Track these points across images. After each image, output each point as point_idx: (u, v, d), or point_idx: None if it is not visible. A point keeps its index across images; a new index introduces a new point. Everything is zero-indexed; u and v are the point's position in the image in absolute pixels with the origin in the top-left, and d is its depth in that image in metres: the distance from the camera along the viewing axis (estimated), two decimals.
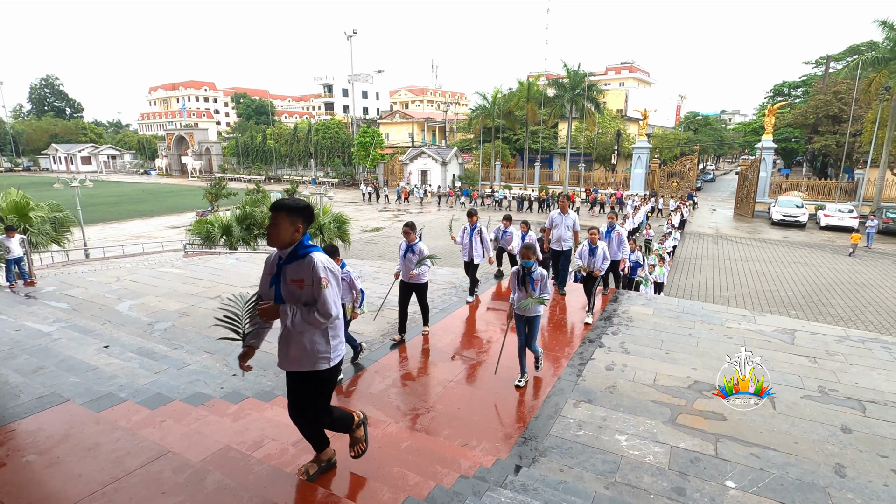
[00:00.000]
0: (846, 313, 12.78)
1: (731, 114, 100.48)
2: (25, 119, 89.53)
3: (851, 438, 4.06)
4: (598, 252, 6.95)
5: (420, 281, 6.08)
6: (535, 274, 4.80)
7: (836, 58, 44.67)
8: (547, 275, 4.89)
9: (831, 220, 26.04)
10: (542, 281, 4.82)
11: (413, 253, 6.00)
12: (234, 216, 17.94)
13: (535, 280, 4.80)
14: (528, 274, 4.80)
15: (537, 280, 4.81)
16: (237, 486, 2.86)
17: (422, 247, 6.02)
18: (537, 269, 4.83)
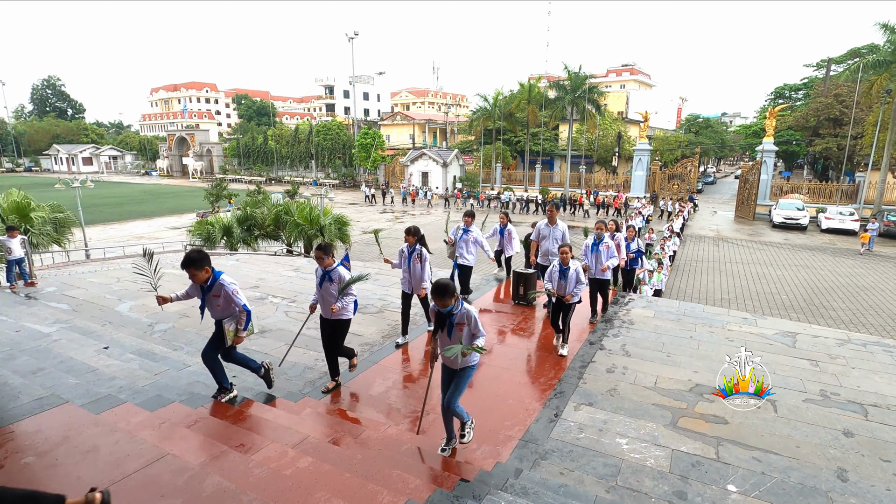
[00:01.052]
0: (848, 316, 12.75)
1: (732, 116, 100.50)
2: (27, 120, 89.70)
3: (853, 442, 4.04)
4: (570, 274, 5.70)
5: (343, 316, 4.80)
6: (457, 317, 3.65)
7: (836, 60, 44.67)
8: (475, 317, 3.67)
9: (832, 222, 26.01)
10: (469, 323, 3.66)
11: (331, 281, 4.69)
12: (235, 217, 17.95)
13: (458, 324, 3.65)
14: (448, 317, 3.68)
15: (461, 323, 3.65)
16: (236, 488, 2.85)
17: (341, 272, 4.71)
18: (462, 310, 3.67)
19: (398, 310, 7.66)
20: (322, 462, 3.26)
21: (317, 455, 3.38)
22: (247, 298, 4.41)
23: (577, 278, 5.68)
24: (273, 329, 6.64)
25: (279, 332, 6.52)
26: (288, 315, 7.30)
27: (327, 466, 3.20)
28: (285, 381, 5.10)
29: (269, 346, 6.04)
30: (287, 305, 7.80)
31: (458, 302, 3.69)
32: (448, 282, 3.64)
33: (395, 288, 8.98)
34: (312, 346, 6.02)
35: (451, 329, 3.68)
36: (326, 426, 4.08)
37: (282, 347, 5.99)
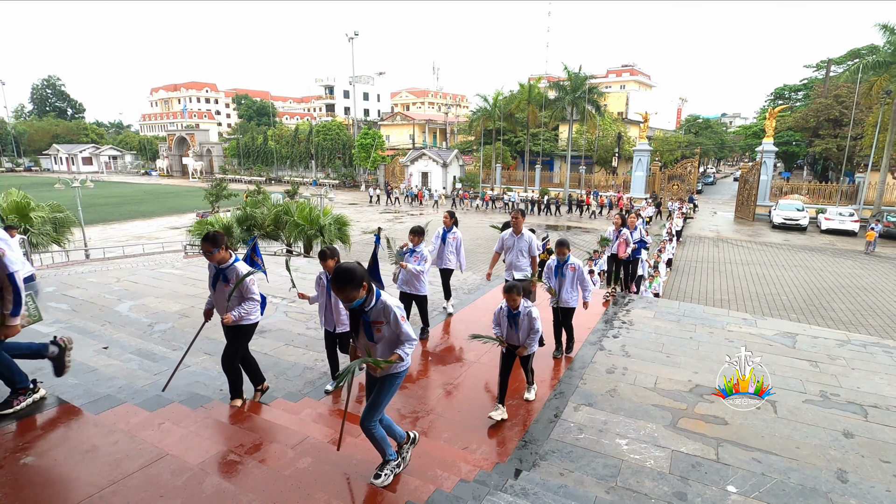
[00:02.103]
0: (847, 317, 12.76)
1: (732, 117, 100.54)
2: (27, 119, 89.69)
3: (853, 443, 4.04)
4: (521, 320, 4.32)
5: (244, 322, 4.13)
6: (372, 313, 2.98)
7: (836, 61, 44.71)
8: (396, 313, 2.98)
9: (832, 223, 26.04)
10: (389, 321, 2.99)
11: (226, 281, 4.01)
12: (235, 217, 17.95)
13: (374, 322, 3.00)
14: (360, 314, 3.01)
15: (377, 322, 2.99)
16: (236, 489, 2.85)
17: (239, 269, 4.01)
18: (378, 304, 2.98)
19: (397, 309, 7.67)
20: (322, 463, 3.26)
21: (316, 456, 3.38)
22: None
23: (531, 325, 4.31)
24: (272, 329, 6.64)
25: (278, 332, 6.52)
26: (287, 315, 7.29)
27: (327, 467, 3.19)
28: (285, 382, 5.10)
29: (269, 346, 6.03)
30: (287, 305, 7.80)
31: (373, 294, 2.95)
32: (355, 266, 2.84)
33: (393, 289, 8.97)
34: (312, 346, 6.02)
35: (367, 329, 3.00)
36: (326, 427, 4.08)
37: (282, 347, 5.99)
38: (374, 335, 3.02)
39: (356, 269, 2.84)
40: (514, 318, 4.38)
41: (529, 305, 4.40)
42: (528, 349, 4.43)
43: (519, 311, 4.37)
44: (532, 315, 4.36)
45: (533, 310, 4.40)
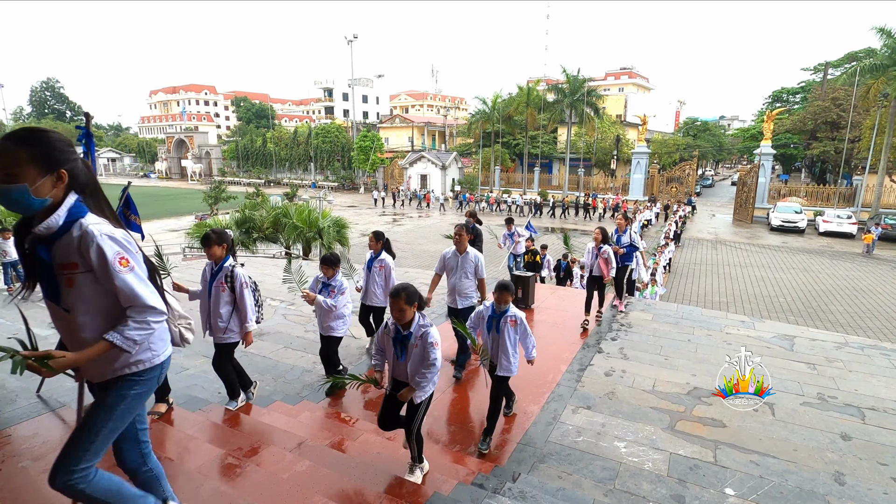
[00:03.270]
0: (845, 319, 12.78)
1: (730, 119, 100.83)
2: (26, 122, 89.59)
3: (851, 446, 4.05)
4: (410, 345, 3.21)
5: None
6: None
7: (834, 64, 44.91)
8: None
9: (830, 225, 26.11)
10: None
11: None
12: (234, 219, 17.95)
13: None
14: None
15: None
16: (234, 492, 2.85)
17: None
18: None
19: None
20: (320, 466, 3.26)
21: (315, 459, 3.38)
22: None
23: (425, 353, 3.17)
24: (271, 332, 6.63)
25: (277, 335, 6.52)
26: (286, 318, 7.29)
27: (325, 470, 3.19)
28: (283, 384, 5.10)
29: (268, 348, 6.03)
30: (285, 308, 7.80)
31: None
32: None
33: None
34: (310, 348, 6.01)
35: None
36: (324, 430, 4.08)
37: (280, 350, 5.99)
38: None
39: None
40: (401, 340, 3.22)
41: (427, 325, 3.19)
42: (416, 390, 3.17)
43: (410, 331, 3.18)
44: (428, 339, 3.14)
45: (431, 332, 3.16)
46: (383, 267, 5.60)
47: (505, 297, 4.02)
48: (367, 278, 5.66)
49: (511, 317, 4.01)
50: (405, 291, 3.13)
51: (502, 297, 4.01)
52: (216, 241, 4.01)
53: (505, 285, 4.03)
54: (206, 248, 4.04)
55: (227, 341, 4.13)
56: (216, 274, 4.05)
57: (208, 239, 4.01)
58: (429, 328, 3.21)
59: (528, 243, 10.56)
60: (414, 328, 3.21)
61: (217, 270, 4.05)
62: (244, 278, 4.06)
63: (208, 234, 4.05)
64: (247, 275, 4.14)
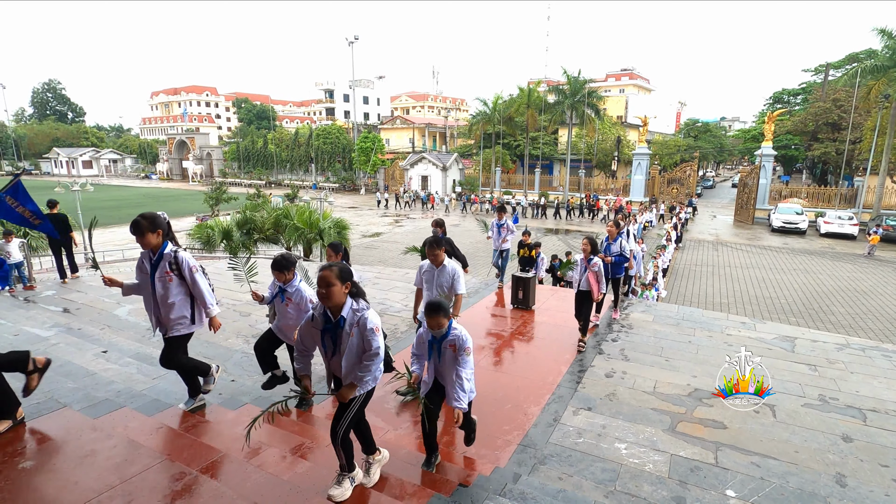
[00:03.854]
0: (847, 321, 12.76)
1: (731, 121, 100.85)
2: (27, 123, 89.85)
3: (852, 447, 4.04)
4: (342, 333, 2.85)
5: None
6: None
7: (835, 65, 44.91)
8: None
9: (831, 227, 26.08)
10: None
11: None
12: (235, 221, 17.97)
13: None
14: None
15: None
16: (234, 493, 2.85)
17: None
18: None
19: (397, 314, 7.68)
20: (320, 467, 3.26)
21: (315, 460, 3.38)
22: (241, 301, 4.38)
23: (367, 341, 2.81)
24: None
25: None
26: None
27: (325, 471, 3.19)
28: (282, 387, 5.08)
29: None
30: None
31: None
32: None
33: (394, 292, 8.99)
34: None
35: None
36: (325, 430, 4.07)
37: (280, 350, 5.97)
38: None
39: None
40: (331, 330, 2.85)
41: (363, 308, 2.84)
42: (357, 386, 2.84)
43: (342, 316, 2.80)
44: (367, 325, 2.78)
45: (369, 316, 2.81)
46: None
47: (436, 319, 3.23)
48: None
49: (451, 341, 3.35)
50: (337, 266, 2.78)
51: (432, 320, 3.24)
52: (148, 227, 3.53)
53: (434, 306, 3.25)
54: (138, 237, 3.55)
55: (178, 333, 3.77)
56: (157, 263, 3.63)
57: (138, 226, 3.51)
58: (365, 312, 2.83)
59: (525, 237, 9.69)
60: (347, 313, 2.80)
61: (157, 259, 3.63)
62: (191, 262, 3.70)
63: (137, 220, 3.53)
64: (193, 258, 3.81)
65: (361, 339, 2.83)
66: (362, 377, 2.85)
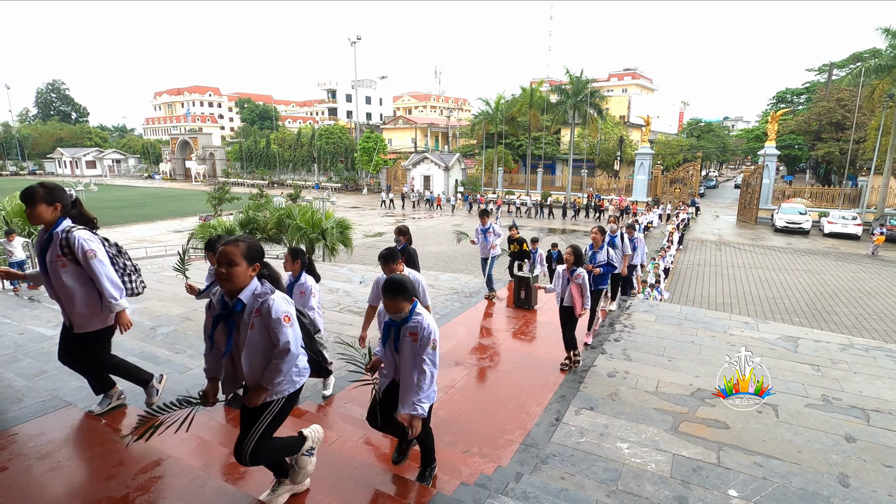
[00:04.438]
0: (850, 321, 12.71)
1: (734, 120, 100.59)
2: (31, 123, 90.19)
3: (855, 448, 4.03)
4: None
5: None
6: None
7: (838, 65, 44.74)
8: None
9: (835, 227, 25.99)
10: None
11: None
12: (237, 221, 18.02)
13: None
14: None
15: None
16: (237, 491, 2.86)
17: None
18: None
19: None
20: (322, 465, 3.26)
21: (318, 458, 3.39)
22: None
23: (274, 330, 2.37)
24: None
25: None
26: None
27: (327, 470, 3.20)
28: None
29: None
30: None
31: None
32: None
33: None
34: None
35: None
36: (327, 429, 4.09)
37: None
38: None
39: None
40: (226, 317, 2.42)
41: (267, 292, 2.37)
42: (267, 390, 2.42)
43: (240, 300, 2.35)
44: (272, 315, 2.33)
45: (276, 301, 2.34)
46: (304, 293, 4.48)
47: (395, 303, 2.76)
48: None
49: (411, 328, 2.82)
50: (245, 241, 2.35)
51: (391, 302, 2.77)
52: (43, 197, 2.92)
53: (394, 285, 2.75)
54: (28, 207, 2.97)
55: (87, 330, 3.23)
56: (46, 245, 3.04)
57: (31, 195, 2.93)
58: (270, 297, 2.34)
59: (513, 231, 9.18)
60: (248, 297, 2.33)
61: (48, 240, 3.02)
62: (88, 244, 3.06)
63: (33, 187, 2.95)
64: (97, 237, 3.24)
65: (266, 331, 2.34)
66: (272, 379, 2.36)
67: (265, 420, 2.45)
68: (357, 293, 8.88)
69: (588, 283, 5.44)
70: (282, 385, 2.44)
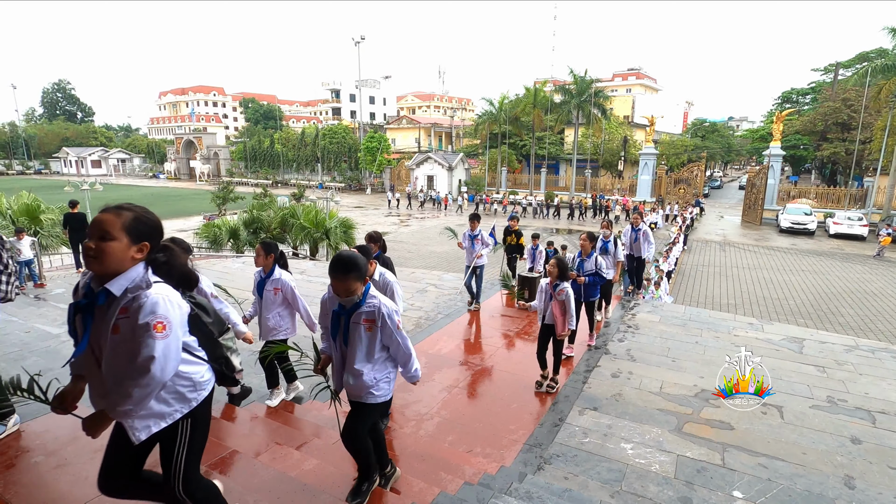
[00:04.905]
0: (856, 322, 12.64)
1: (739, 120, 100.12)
2: (37, 123, 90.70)
3: (861, 449, 4.01)
4: None
5: None
6: None
7: (845, 65, 44.46)
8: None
9: (840, 227, 25.83)
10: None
11: None
12: (242, 220, 18.08)
13: None
14: None
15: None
16: (241, 489, 2.87)
17: None
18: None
19: (403, 313, 7.68)
20: (327, 464, 3.28)
21: (322, 457, 3.40)
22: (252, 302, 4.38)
23: None
24: None
25: None
26: None
27: (332, 468, 3.21)
28: None
29: None
30: None
31: None
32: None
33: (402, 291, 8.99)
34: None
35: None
36: (332, 428, 4.10)
37: None
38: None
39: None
40: (85, 308, 1.91)
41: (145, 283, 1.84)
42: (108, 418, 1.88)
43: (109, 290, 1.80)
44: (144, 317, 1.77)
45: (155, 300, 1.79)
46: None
47: (346, 284, 2.44)
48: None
49: (366, 313, 2.52)
50: (133, 209, 1.84)
51: (341, 284, 2.45)
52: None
53: (345, 262, 2.44)
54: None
55: None
56: None
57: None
58: (144, 291, 1.77)
59: (512, 222, 8.96)
60: (118, 288, 1.77)
61: None
62: None
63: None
64: None
65: (132, 338, 1.75)
66: (116, 405, 1.78)
67: (180, 453, 1.99)
68: None
69: (573, 301, 4.92)
70: (127, 416, 1.81)
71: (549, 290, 4.94)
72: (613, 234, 7.19)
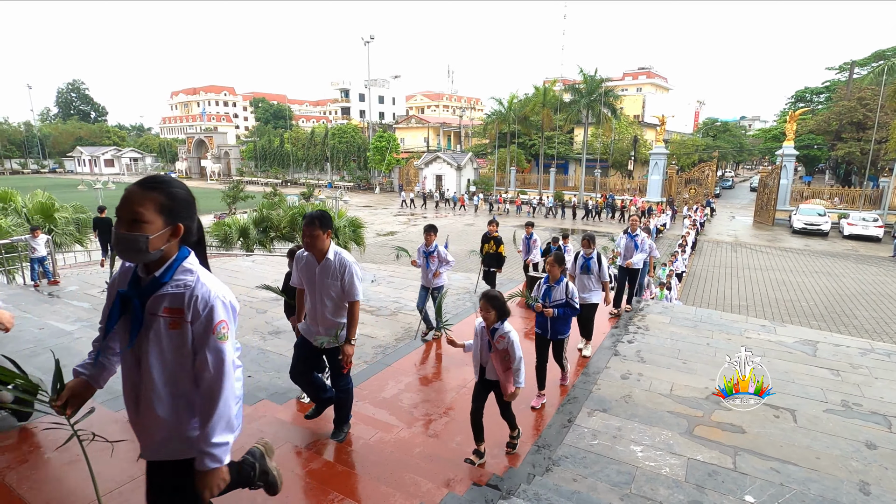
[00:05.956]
0: (871, 325, 12.44)
1: (752, 120, 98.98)
2: (52, 122, 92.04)
3: (876, 455, 3.94)
4: None
5: None
6: None
7: (860, 63, 43.73)
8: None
9: (855, 228, 25.42)
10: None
11: None
12: (251, 219, 18.20)
13: None
14: None
15: None
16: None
17: None
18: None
19: (412, 312, 7.69)
20: (334, 463, 3.28)
21: (329, 456, 3.40)
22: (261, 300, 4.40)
23: None
24: (286, 330, 6.70)
25: (292, 333, 6.57)
26: None
27: (339, 468, 3.21)
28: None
29: (284, 346, 6.09)
30: None
31: None
32: None
33: (409, 290, 9.01)
34: None
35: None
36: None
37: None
38: None
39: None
40: None
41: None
42: None
43: None
44: None
45: None
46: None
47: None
48: None
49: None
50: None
51: None
52: None
53: None
54: None
55: None
56: None
57: None
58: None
59: (491, 227, 8.33)
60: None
61: None
62: None
63: None
64: None
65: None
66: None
67: None
68: (369, 292, 8.91)
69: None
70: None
71: (485, 334, 3.58)
72: (597, 250, 6.07)
